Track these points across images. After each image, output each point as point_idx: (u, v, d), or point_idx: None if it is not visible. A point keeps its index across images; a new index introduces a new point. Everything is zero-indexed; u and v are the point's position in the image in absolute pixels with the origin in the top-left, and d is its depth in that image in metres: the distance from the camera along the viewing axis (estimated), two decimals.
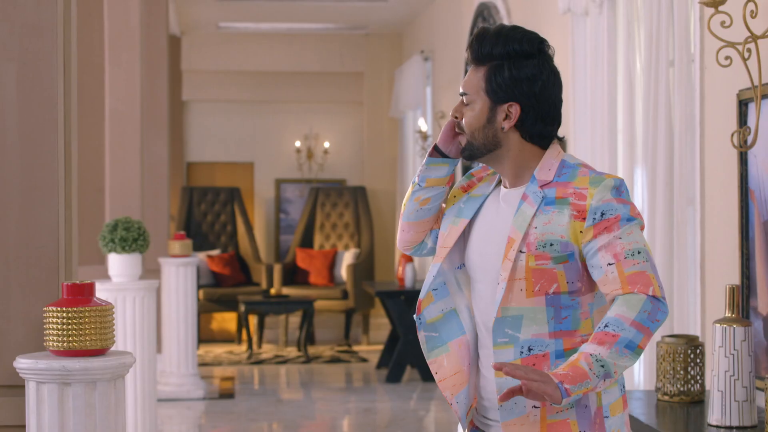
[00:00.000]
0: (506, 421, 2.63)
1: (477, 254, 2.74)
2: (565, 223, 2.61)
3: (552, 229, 2.62)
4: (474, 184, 2.86)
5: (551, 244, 2.61)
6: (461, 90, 2.77)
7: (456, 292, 2.79)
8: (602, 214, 2.59)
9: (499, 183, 2.81)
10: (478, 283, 2.74)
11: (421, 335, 2.80)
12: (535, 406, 2.62)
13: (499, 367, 2.51)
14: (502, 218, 2.72)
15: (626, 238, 2.58)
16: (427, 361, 2.79)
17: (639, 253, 2.57)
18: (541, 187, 2.67)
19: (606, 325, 2.53)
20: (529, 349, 2.62)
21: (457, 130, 2.78)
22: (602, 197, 2.59)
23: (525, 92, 2.68)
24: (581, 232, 2.60)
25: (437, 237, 2.88)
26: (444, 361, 2.76)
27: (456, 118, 2.77)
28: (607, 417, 2.66)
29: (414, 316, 2.81)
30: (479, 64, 2.73)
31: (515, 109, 2.70)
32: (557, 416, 2.62)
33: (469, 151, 2.75)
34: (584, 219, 2.60)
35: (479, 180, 2.86)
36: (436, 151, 2.80)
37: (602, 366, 2.50)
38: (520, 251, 2.63)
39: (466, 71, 2.97)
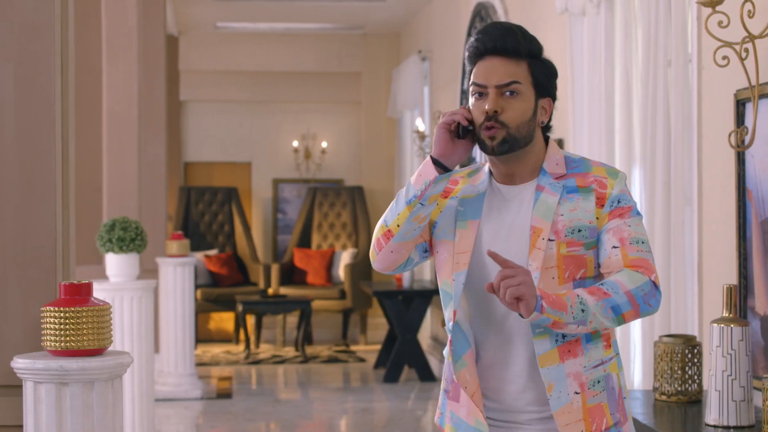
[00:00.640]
0: (557, 411, 2.66)
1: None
2: (592, 209, 2.69)
3: (580, 215, 2.68)
4: (450, 189, 2.81)
5: (579, 230, 2.67)
6: (507, 79, 2.68)
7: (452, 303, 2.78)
8: (618, 202, 2.70)
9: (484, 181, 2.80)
10: None
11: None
12: (576, 392, 2.66)
13: (492, 255, 2.55)
14: (515, 213, 2.73)
15: (634, 227, 2.68)
16: (455, 377, 2.75)
17: (643, 242, 2.68)
18: (556, 179, 2.71)
19: (602, 284, 2.62)
20: (563, 336, 2.66)
21: (493, 124, 2.66)
22: (621, 188, 2.71)
23: (555, 87, 2.77)
24: (597, 218, 2.68)
25: (424, 250, 2.84)
26: (466, 375, 2.75)
27: (496, 112, 2.66)
28: (625, 398, 2.77)
29: (450, 326, 2.76)
30: (518, 57, 2.70)
31: (549, 104, 2.77)
32: (594, 400, 2.68)
33: (509, 144, 2.68)
34: (602, 206, 2.69)
35: (454, 183, 2.82)
36: (440, 166, 2.70)
37: (582, 310, 2.56)
38: (550, 240, 2.66)
39: (464, 70, 2.90)
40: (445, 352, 2.83)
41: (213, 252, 12.37)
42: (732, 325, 3.43)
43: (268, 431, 7.94)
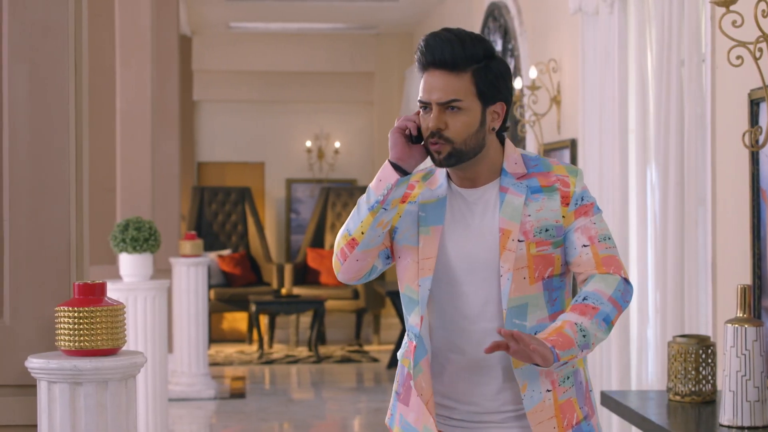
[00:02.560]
0: (530, 410, 2.69)
1: (461, 257, 2.72)
2: (557, 208, 2.71)
3: (546, 215, 2.70)
4: (408, 193, 2.79)
5: (547, 230, 2.70)
6: (447, 98, 2.64)
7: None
8: (582, 199, 2.73)
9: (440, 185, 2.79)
10: (462, 286, 2.72)
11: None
12: (548, 390, 2.69)
13: (508, 334, 2.51)
14: (480, 216, 2.72)
15: (599, 224, 2.73)
16: (413, 384, 2.74)
17: (609, 238, 2.74)
18: (519, 179, 2.72)
19: (585, 298, 2.65)
20: (535, 334, 2.66)
21: (437, 140, 2.66)
22: (582, 185, 2.75)
23: (508, 88, 2.73)
24: (563, 216, 2.71)
25: (387, 256, 2.82)
26: (422, 382, 2.75)
27: (440, 129, 2.65)
28: (591, 391, 2.81)
29: (417, 332, 2.75)
30: (459, 69, 2.65)
31: (502, 107, 2.73)
32: (564, 396, 2.72)
33: (456, 158, 2.67)
34: (568, 204, 2.72)
35: (411, 188, 2.79)
36: (399, 170, 2.68)
37: (584, 336, 2.60)
38: (519, 240, 2.68)
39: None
40: (400, 354, 2.83)
41: (226, 252, 12.39)
42: (746, 326, 3.42)
43: (281, 431, 7.95)
